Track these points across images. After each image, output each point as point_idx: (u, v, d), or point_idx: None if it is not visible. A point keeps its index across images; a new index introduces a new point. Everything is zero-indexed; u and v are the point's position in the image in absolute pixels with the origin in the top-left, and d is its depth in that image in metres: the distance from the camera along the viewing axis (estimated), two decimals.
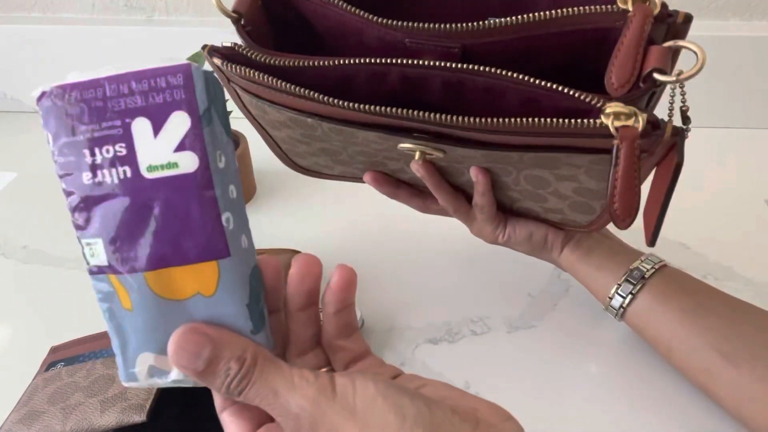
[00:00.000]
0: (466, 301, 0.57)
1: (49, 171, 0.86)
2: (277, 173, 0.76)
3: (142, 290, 0.25)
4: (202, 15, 0.85)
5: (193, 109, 0.24)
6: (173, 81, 0.24)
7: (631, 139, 0.34)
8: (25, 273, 0.63)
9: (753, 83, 0.79)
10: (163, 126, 0.24)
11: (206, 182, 0.25)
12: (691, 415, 0.47)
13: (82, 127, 0.24)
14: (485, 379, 0.51)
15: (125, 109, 0.24)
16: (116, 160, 0.24)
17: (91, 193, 0.25)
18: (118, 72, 0.24)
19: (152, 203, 0.24)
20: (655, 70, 0.35)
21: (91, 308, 0.58)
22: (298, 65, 0.39)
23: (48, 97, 0.25)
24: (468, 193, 0.49)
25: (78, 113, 0.24)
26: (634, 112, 0.34)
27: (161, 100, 0.24)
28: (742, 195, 0.71)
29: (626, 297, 0.48)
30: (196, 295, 0.25)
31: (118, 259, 0.25)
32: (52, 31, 0.85)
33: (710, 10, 0.78)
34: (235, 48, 0.40)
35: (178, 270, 0.25)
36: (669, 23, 0.37)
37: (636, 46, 0.35)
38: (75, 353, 0.50)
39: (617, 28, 0.37)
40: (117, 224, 0.25)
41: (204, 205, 0.25)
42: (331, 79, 0.39)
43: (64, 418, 0.44)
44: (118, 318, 0.26)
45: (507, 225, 0.51)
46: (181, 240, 0.25)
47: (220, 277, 0.25)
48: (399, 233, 0.66)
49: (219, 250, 0.25)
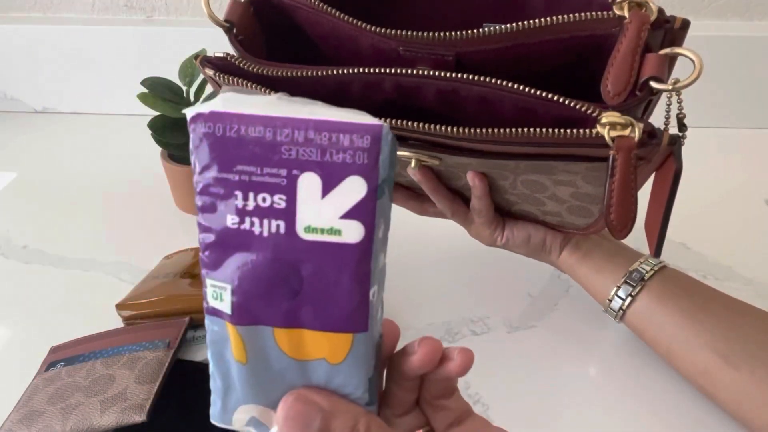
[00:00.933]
0: (466, 301, 0.57)
1: (49, 171, 0.87)
2: None
3: (267, 344, 0.24)
4: (201, 15, 0.85)
5: (372, 177, 0.21)
6: (358, 142, 0.21)
7: (627, 150, 0.33)
8: (25, 273, 0.63)
9: (753, 83, 0.79)
10: (335, 188, 0.22)
11: (365, 256, 0.23)
12: (691, 416, 0.47)
13: (240, 166, 0.22)
14: (485, 379, 0.50)
15: (296, 159, 0.21)
16: (271, 212, 0.22)
17: (232, 237, 0.23)
18: (296, 115, 0.21)
19: (300, 265, 0.22)
20: (651, 78, 0.35)
21: (91, 308, 0.58)
22: (292, 75, 0.39)
23: (205, 122, 0.22)
24: (465, 196, 0.49)
25: (239, 149, 0.22)
26: (630, 122, 0.33)
27: (339, 160, 0.21)
28: (742, 195, 0.71)
29: (625, 299, 0.47)
30: (321, 359, 0.24)
31: (244, 311, 0.23)
32: (52, 31, 0.85)
33: (710, 10, 0.78)
34: (227, 58, 0.40)
35: (310, 333, 0.23)
36: (666, 29, 0.37)
37: (632, 53, 0.35)
38: (75, 353, 0.50)
39: (613, 35, 0.37)
40: (254, 276, 0.23)
41: (356, 279, 0.23)
42: (327, 88, 0.39)
43: (64, 418, 0.44)
44: (226, 364, 0.25)
45: (505, 228, 0.51)
46: (324, 307, 0.23)
47: (351, 349, 0.24)
48: (398, 233, 0.66)
49: (359, 324, 0.24)
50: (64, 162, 0.81)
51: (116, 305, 0.54)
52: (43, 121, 0.91)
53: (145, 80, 0.63)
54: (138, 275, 0.61)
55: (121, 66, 0.86)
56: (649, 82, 0.35)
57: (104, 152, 0.83)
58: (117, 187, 0.76)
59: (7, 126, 0.90)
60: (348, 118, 0.21)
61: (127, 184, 0.76)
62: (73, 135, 0.87)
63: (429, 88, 0.38)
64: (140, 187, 0.75)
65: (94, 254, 0.65)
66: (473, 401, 0.49)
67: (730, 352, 0.43)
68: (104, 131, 0.88)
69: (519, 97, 0.37)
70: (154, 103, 0.63)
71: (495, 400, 0.49)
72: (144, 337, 0.50)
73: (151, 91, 0.63)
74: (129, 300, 0.54)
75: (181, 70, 0.64)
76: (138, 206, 0.72)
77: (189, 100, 0.65)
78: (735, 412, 0.43)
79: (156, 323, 0.52)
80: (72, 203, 0.73)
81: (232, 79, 0.39)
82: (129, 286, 0.59)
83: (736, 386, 0.42)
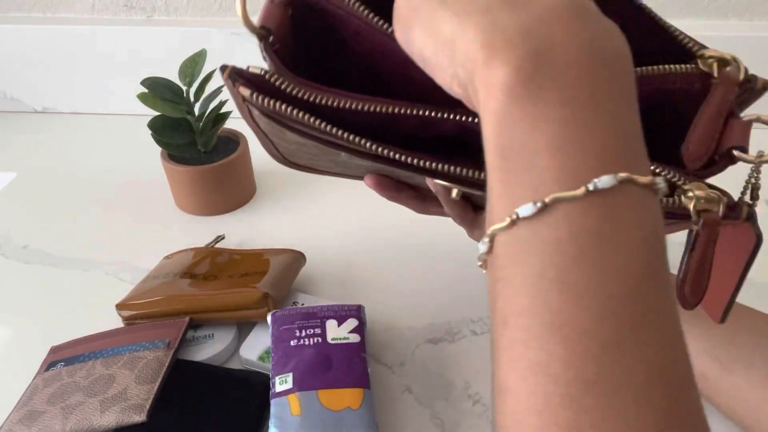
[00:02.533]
0: (466, 301, 0.57)
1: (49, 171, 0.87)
2: (277, 173, 0.76)
3: (312, 401, 0.44)
4: (202, 15, 0.85)
5: (361, 318, 0.51)
6: (357, 312, 0.51)
7: (713, 225, 0.32)
8: (25, 273, 0.63)
9: None
10: (344, 323, 0.50)
11: (362, 348, 0.49)
12: None
13: (297, 323, 0.50)
14: (485, 379, 0.50)
15: (324, 315, 0.51)
16: (313, 335, 0.49)
17: (293, 350, 0.48)
18: (321, 305, 0.52)
19: (331, 355, 0.47)
20: (735, 147, 0.33)
21: (91, 308, 0.58)
22: (340, 107, 0.34)
23: (279, 315, 0.51)
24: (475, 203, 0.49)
25: (296, 319, 0.50)
26: (718, 198, 0.32)
27: (344, 313, 0.51)
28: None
29: None
30: (347, 408, 0.44)
31: (300, 384, 0.45)
32: (52, 31, 0.85)
33: (710, 10, 0.78)
34: (264, 76, 0.34)
35: (339, 390, 0.45)
36: (747, 88, 0.35)
37: (718, 116, 0.33)
38: (75, 353, 0.50)
39: (691, 91, 0.35)
40: (305, 365, 0.46)
41: (360, 359, 0.48)
42: (378, 121, 0.35)
43: (64, 418, 0.44)
44: (286, 422, 0.44)
45: None
46: (345, 375, 0.46)
47: (364, 399, 0.45)
48: (399, 233, 0.66)
49: (364, 383, 0.46)
50: (64, 162, 0.81)
51: (116, 305, 0.54)
52: (43, 121, 0.91)
53: (145, 80, 0.63)
54: (138, 275, 0.61)
55: (121, 66, 0.86)
56: (732, 151, 0.33)
57: (104, 152, 0.83)
58: (117, 187, 0.76)
59: (7, 126, 0.90)
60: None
61: (127, 184, 0.76)
62: (73, 135, 0.87)
63: None
64: (140, 187, 0.75)
65: (94, 254, 0.65)
66: (473, 401, 0.49)
67: (727, 356, 0.43)
68: (104, 131, 0.88)
69: None
70: (154, 103, 0.63)
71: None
72: (144, 337, 0.50)
73: (151, 91, 0.63)
74: (129, 300, 0.54)
75: (181, 70, 0.64)
76: (138, 206, 0.72)
77: (189, 100, 0.65)
78: (733, 415, 0.43)
79: (156, 323, 0.52)
80: (72, 203, 0.73)
81: (274, 104, 0.33)
82: (129, 286, 0.59)
83: (733, 390, 0.42)
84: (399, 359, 0.52)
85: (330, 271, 0.62)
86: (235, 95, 0.35)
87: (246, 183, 0.72)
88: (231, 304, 0.52)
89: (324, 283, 0.60)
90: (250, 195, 0.73)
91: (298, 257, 0.59)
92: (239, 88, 0.33)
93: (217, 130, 0.67)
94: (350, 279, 0.61)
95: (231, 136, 0.72)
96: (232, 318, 0.53)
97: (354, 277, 0.61)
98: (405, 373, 0.51)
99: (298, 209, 0.71)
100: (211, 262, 0.59)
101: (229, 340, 0.52)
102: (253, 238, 0.67)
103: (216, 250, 0.62)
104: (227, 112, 0.67)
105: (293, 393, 0.45)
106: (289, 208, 0.71)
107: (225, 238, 0.66)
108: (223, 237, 0.66)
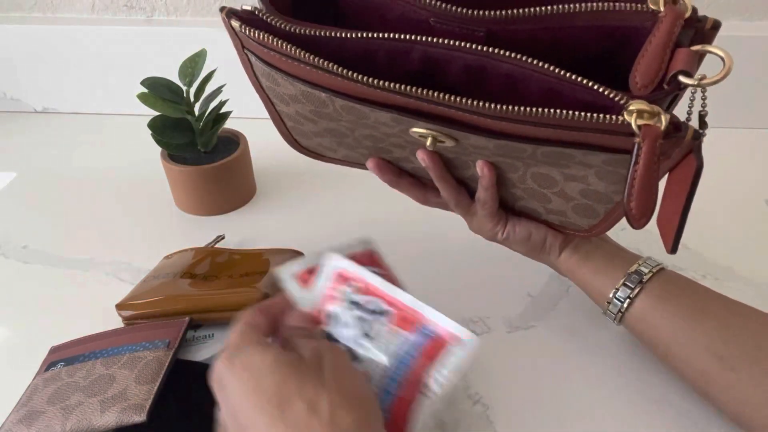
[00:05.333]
0: (466, 301, 0.57)
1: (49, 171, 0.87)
2: (277, 173, 0.76)
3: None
4: (202, 15, 0.85)
5: None
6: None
7: (654, 138, 0.33)
8: (25, 273, 0.63)
9: (753, 83, 0.79)
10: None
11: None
12: (691, 417, 0.47)
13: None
14: (485, 379, 0.51)
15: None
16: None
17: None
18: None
19: None
20: (680, 72, 0.35)
21: (91, 308, 0.58)
22: (319, 35, 0.39)
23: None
24: (471, 188, 0.49)
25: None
26: (657, 112, 0.34)
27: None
28: (742, 195, 0.71)
29: (624, 301, 0.47)
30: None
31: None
32: (52, 31, 0.85)
33: (710, 10, 0.78)
34: (254, 12, 0.39)
35: None
36: (697, 28, 0.37)
37: (664, 46, 0.35)
38: (75, 353, 0.50)
39: (645, 28, 0.37)
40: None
41: None
42: (351, 53, 0.39)
43: (64, 418, 0.44)
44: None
45: (507, 223, 0.51)
46: None
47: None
48: (399, 233, 0.66)
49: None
50: (64, 162, 0.81)
51: (116, 305, 0.54)
52: (43, 121, 0.91)
53: (145, 80, 0.63)
54: (138, 275, 0.61)
55: (121, 66, 0.86)
56: (678, 77, 0.35)
57: (104, 152, 0.83)
58: (117, 187, 0.76)
59: (7, 126, 0.90)
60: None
61: (127, 184, 0.76)
62: (73, 135, 0.87)
63: (457, 61, 0.38)
64: (140, 187, 0.75)
65: (94, 254, 0.65)
66: (473, 401, 0.49)
67: (728, 354, 0.43)
68: (104, 131, 0.88)
69: (547, 78, 0.37)
70: (154, 103, 0.63)
71: (495, 400, 0.49)
72: (144, 337, 0.50)
73: (151, 91, 0.63)
74: (129, 300, 0.54)
75: (181, 70, 0.64)
76: (138, 206, 0.72)
77: (189, 100, 0.65)
78: (734, 414, 0.43)
79: (156, 323, 0.52)
80: (72, 203, 0.73)
81: (257, 33, 0.38)
82: (129, 286, 0.59)
83: (734, 389, 0.42)
84: None
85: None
86: (231, 36, 0.41)
87: (246, 183, 0.72)
88: (231, 304, 0.52)
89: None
90: (250, 195, 0.73)
91: (298, 257, 0.59)
92: (231, 21, 0.39)
93: (217, 130, 0.67)
94: None
95: (231, 136, 0.72)
96: (232, 318, 0.53)
97: None
98: None
99: (298, 209, 0.71)
100: (211, 262, 0.59)
101: None
102: (253, 238, 0.67)
103: (216, 250, 0.62)
104: (227, 112, 0.67)
105: None
106: (289, 208, 0.71)
107: (225, 238, 0.66)
108: (223, 237, 0.66)
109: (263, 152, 0.70)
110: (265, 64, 0.41)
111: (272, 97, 0.46)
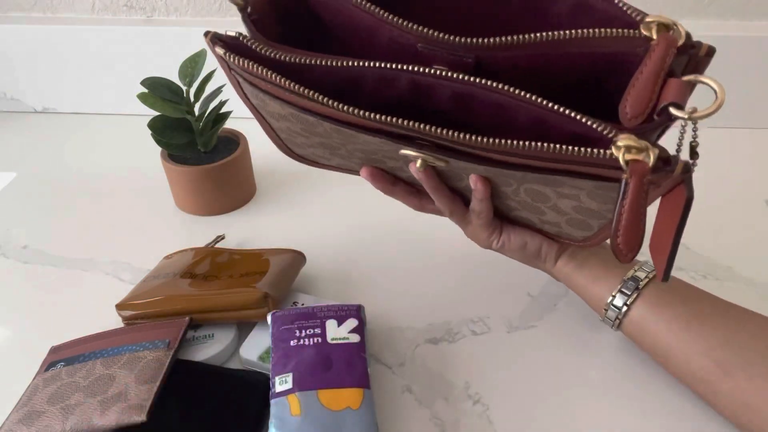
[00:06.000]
0: (466, 301, 0.57)
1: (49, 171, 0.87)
2: (277, 173, 0.76)
3: (312, 401, 0.44)
4: (202, 15, 0.85)
5: (361, 318, 0.51)
6: (357, 312, 0.51)
7: (641, 175, 0.33)
8: (25, 273, 0.63)
9: (753, 83, 0.79)
10: (344, 323, 0.50)
11: (362, 348, 0.49)
12: (691, 418, 0.47)
13: (297, 323, 0.50)
14: (485, 379, 0.51)
15: (324, 315, 0.51)
16: (313, 335, 0.49)
17: (293, 350, 0.48)
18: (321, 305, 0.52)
19: (330, 355, 0.47)
20: (671, 104, 0.34)
21: (91, 308, 0.58)
22: (305, 63, 0.38)
23: (278, 315, 0.51)
24: (466, 197, 0.49)
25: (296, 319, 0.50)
26: (645, 147, 0.33)
27: (344, 313, 0.51)
28: (742, 195, 0.71)
29: (621, 307, 0.47)
30: (347, 408, 0.44)
31: (299, 384, 0.45)
32: (51, 31, 0.85)
33: (710, 10, 0.78)
34: (239, 38, 0.39)
35: (339, 390, 0.45)
36: (690, 54, 0.36)
37: (655, 77, 0.34)
38: (75, 353, 0.50)
39: (637, 55, 0.36)
40: (305, 365, 0.46)
41: (360, 359, 0.48)
42: (338, 78, 0.39)
43: (64, 418, 0.44)
44: (287, 423, 0.44)
45: (502, 232, 0.51)
46: (345, 375, 0.46)
47: (363, 399, 0.45)
48: (399, 233, 0.66)
49: (364, 383, 0.46)
50: (64, 162, 0.81)
51: (116, 305, 0.54)
52: (43, 121, 0.91)
53: (145, 80, 0.63)
54: (138, 275, 0.61)
55: (121, 66, 0.86)
56: (669, 108, 0.34)
57: (104, 152, 0.83)
58: (117, 187, 0.76)
59: (7, 126, 0.90)
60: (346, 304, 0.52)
61: (127, 184, 0.76)
62: (73, 135, 0.87)
63: (445, 89, 0.38)
64: (140, 187, 0.75)
65: (94, 254, 0.65)
66: (473, 401, 0.49)
67: (727, 359, 0.43)
68: (104, 131, 0.88)
69: (535, 109, 0.36)
70: (154, 103, 0.63)
71: (495, 400, 0.49)
72: (144, 337, 0.50)
73: (151, 91, 0.63)
74: (129, 300, 0.54)
75: (181, 70, 0.64)
76: (138, 206, 0.72)
77: (189, 100, 0.65)
78: (733, 418, 0.43)
79: (156, 323, 0.52)
80: (72, 203, 0.73)
81: (242, 62, 0.38)
82: (129, 286, 0.59)
83: (733, 394, 0.42)
84: (399, 359, 0.52)
85: (330, 271, 0.62)
86: (218, 59, 0.40)
87: (246, 183, 0.72)
88: (231, 304, 0.52)
89: (324, 283, 0.60)
90: (250, 195, 0.73)
91: (298, 257, 0.59)
92: (216, 48, 0.39)
93: (217, 130, 0.67)
94: (350, 279, 0.61)
95: (231, 136, 0.72)
96: (232, 318, 0.53)
97: (354, 277, 0.61)
98: (405, 373, 0.51)
99: (298, 209, 0.71)
100: (211, 262, 0.59)
101: (229, 340, 0.52)
102: (253, 238, 0.67)
103: (216, 250, 0.62)
104: (227, 112, 0.67)
105: (293, 393, 0.45)
106: (289, 208, 0.71)
107: (225, 238, 0.66)
108: (223, 237, 0.66)
109: (263, 152, 0.69)
110: (252, 86, 0.40)
111: (263, 114, 0.46)
